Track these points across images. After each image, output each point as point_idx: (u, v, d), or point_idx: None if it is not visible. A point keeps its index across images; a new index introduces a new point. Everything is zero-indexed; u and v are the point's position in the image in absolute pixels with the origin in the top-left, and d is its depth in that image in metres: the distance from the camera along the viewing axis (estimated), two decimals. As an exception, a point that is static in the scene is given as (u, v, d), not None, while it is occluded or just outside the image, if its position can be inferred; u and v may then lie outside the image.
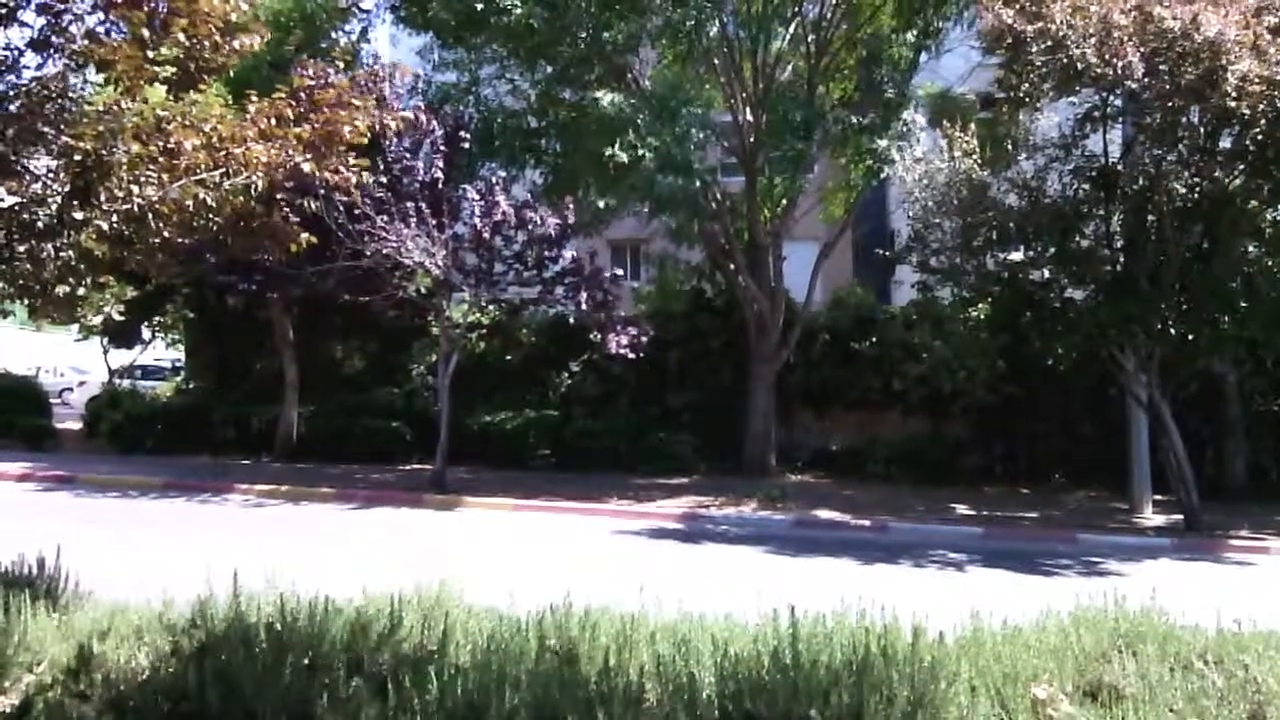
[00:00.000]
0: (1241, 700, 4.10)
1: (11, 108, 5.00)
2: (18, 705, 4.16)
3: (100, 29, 5.11)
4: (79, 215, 4.90)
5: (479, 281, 15.00)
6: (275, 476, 16.23)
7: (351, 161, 5.74)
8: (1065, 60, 11.99)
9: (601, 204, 15.12)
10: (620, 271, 16.71)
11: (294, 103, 5.56)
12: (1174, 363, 13.83)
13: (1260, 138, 12.16)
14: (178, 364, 30.68)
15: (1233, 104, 11.52)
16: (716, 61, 17.32)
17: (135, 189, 4.90)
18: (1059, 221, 13.32)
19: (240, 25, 5.46)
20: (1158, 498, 15.09)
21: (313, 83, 5.70)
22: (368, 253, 14.19)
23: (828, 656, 4.03)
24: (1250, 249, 13.18)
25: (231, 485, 15.24)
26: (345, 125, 5.54)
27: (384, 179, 13.84)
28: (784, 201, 17.90)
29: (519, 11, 14.73)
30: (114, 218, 5.04)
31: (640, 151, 14.05)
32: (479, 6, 14.88)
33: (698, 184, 15.87)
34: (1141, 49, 11.68)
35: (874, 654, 3.98)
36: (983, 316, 17.38)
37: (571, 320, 16.97)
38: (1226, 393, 17.20)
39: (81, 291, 5.91)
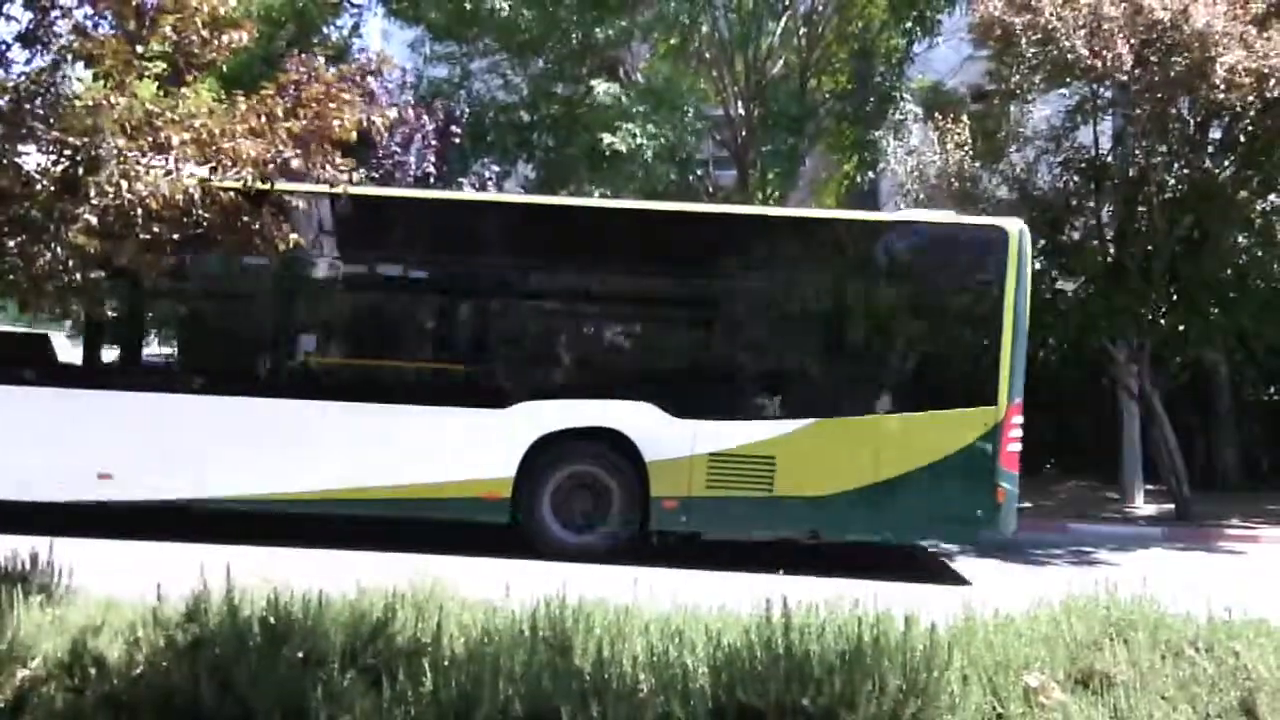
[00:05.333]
0: (1232, 687, 4.13)
1: (1, 103, 4.99)
2: (11, 701, 4.16)
3: (88, 23, 5.10)
4: (68, 210, 4.90)
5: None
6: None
7: (339, 161, 5.72)
8: (1055, 52, 12.02)
9: (596, 196, 15.13)
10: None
11: (282, 99, 5.55)
12: (1165, 354, 13.89)
13: (1249, 129, 12.23)
14: (169, 360, 30.51)
15: (1222, 95, 11.56)
16: (708, 55, 17.31)
17: (124, 184, 4.90)
18: (1049, 214, 13.36)
19: (229, 20, 5.45)
20: (1149, 487, 15.15)
21: (300, 78, 5.68)
22: (359, 248, 14.14)
23: (820, 646, 4.04)
24: (1240, 240, 13.24)
25: (224, 481, 15.17)
26: (334, 119, 5.54)
27: (376, 174, 13.80)
28: (776, 194, 17.89)
29: (506, 14, 14.74)
30: (109, 214, 5.04)
31: (639, 141, 14.08)
32: (467, 6, 14.88)
33: (697, 174, 15.87)
34: (1131, 41, 11.71)
35: (866, 643, 3.99)
36: (974, 309, 17.39)
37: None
38: (1217, 383, 17.28)
39: (74, 288, 5.90)
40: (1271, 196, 13.26)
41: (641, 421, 9.44)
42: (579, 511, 9.59)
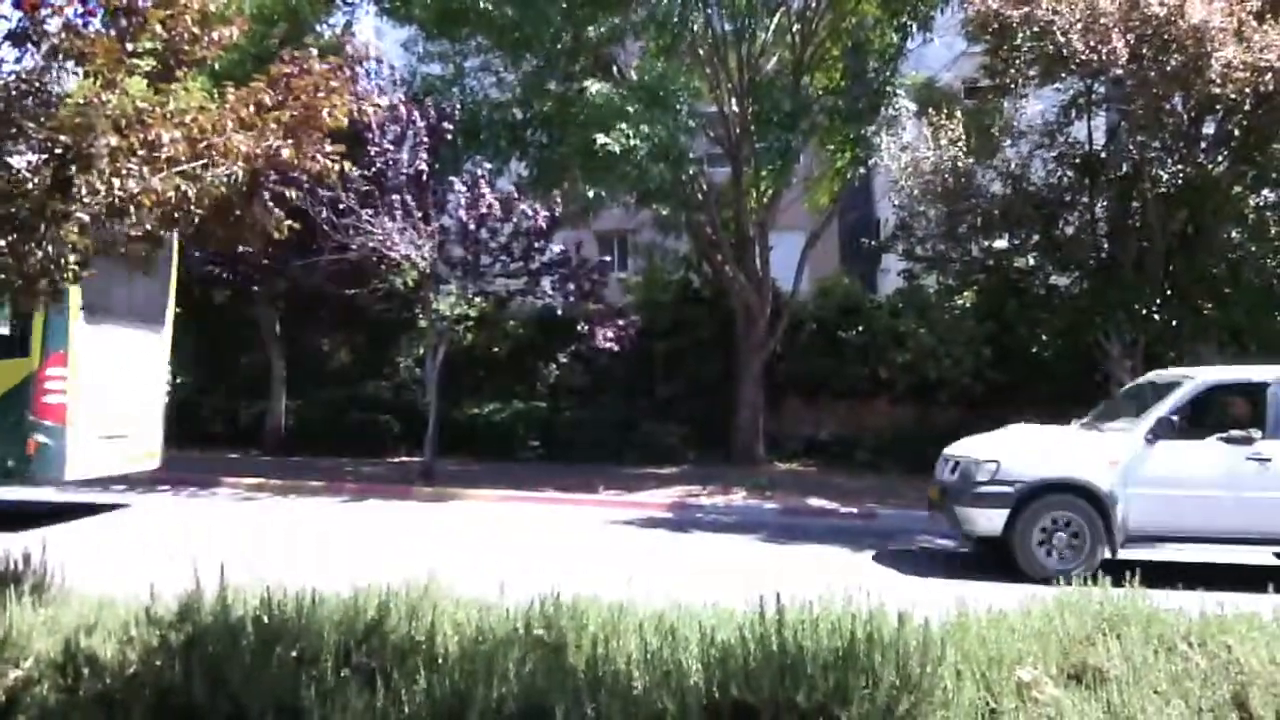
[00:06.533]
0: (1224, 681, 4.14)
1: (-9, 102, 4.97)
2: (4, 701, 4.15)
3: (79, 21, 5.07)
4: (60, 208, 4.88)
5: (466, 274, 14.97)
6: (264, 470, 16.17)
7: (329, 148, 5.70)
8: (1051, 47, 12.03)
9: (590, 194, 15.13)
10: (608, 259, 16.70)
11: (272, 90, 5.53)
12: (1158, 349, 13.91)
13: (1244, 124, 12.24)
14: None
15: (1216, 90, 11.57)
16: (701, 53, 17.31)
17: (116, 181, 4.88)
18: (1043, 209, 13.39)
19: (219, 17, 5.43)
20: (1143, 483, 15.15)
21: (291, 70, 5.66)
22: (354, 246, 14.15)
23: (814, 642, 4.04)
24: (1234, 235, 13.27)
25: (219, 479, 15.19)
26: (324, 108, 5.52)
27: (368, 172, 13.78)
28: (770, 192, 17.90)
29: (492, 11, 14.75)
30: (101, 211, 5.02)
31: (633, 141, 14.04)
32: (453, 6, 14.87)
33: (690, 173, 15.85)
34: (1127, 36, 11.72)
35: (860, 639, 4.00)
36: (968, 304, 17.44)
37: (559, 312, 16.96)
38: (1211, 378, 17.28)
39: (66, 286, 5.87)
40: (1265, 191, 13.29)
41: None
42: None
